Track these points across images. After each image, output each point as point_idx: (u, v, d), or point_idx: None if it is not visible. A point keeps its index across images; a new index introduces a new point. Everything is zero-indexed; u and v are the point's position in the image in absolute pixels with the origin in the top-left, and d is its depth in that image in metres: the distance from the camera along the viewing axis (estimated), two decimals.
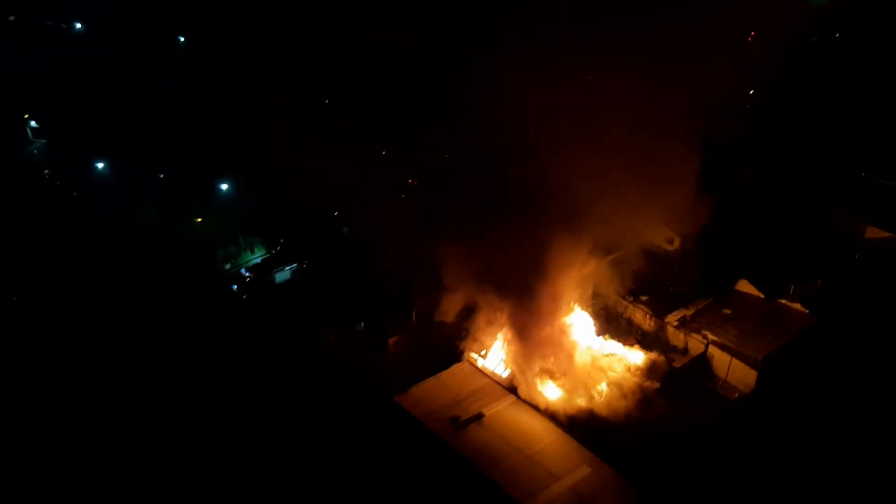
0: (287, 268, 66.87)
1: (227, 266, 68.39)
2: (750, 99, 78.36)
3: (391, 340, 58.89)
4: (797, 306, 59.58)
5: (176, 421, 50.52)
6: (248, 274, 67.03)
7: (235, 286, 66.16)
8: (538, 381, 54.31)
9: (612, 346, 58.62)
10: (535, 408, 52.22)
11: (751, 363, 55.36)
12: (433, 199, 54.93)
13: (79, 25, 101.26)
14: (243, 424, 50.79)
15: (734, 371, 56.25)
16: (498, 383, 54.40)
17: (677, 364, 57.13)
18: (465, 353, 57.66)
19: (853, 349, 55.98)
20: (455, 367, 55.70)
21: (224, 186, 74.50)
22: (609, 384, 54.80)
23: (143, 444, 48.85)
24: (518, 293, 54.17)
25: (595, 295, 61.70)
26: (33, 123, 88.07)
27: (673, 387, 54.76)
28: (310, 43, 68.94)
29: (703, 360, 57.80)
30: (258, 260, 69.38)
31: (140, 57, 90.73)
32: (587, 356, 56.72)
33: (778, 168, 63.82)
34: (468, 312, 60.51)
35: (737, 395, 55.67)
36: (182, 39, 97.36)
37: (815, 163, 75.65)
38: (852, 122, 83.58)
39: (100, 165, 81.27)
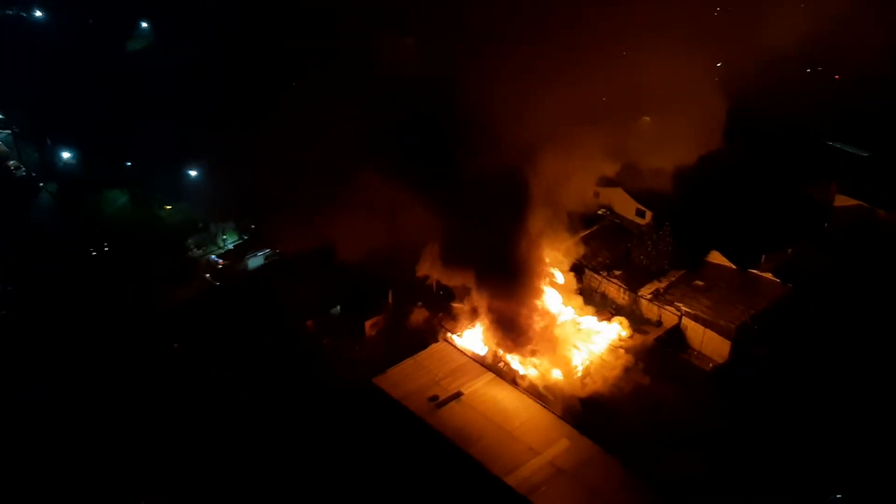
0: (260, 253, 66.37)
1: (198, 253, 67.80)
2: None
3: (367, 323, 58.82)
4: (768, 276, 60.23)
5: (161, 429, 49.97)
6: (220, 261, 66.44)
7: (208, 274, 65.65)
8: (516, 357, 54.72)
9: (588, 320, 59.02)
10: (514, 384, 52.51)
11: (724, 333, 56.01)
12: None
13: (39, 14, 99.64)
14: (221, 422, 50.52)
15: (708, 342, 56.91)
16: (476, 361, 54.56)
17: (652, 336, 57.69)
18: (442, 333, 57.78)
19: (825, 316, 56.69)
20: (432, 347, 55.75)
21: (193, 173, 73.75)
22: (586, 358, 55.31)
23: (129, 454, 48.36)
24: (491, 269, 54.30)
25: (569, 270, 62.06)
26: None
27: (648, 359, 55.24)
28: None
29: (678, 331, 58.41)
30: (230, 246, 68.84)
31: (104, 44, 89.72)
32: (564, 331, 57.00)
33: (746, 139, 64.26)
34: (444, 292, 60.83)
35: (711, 365, 56.32)
36: (145, 25, 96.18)
37: (782, 133, 76.46)
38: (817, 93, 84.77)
39: (66, 155, 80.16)
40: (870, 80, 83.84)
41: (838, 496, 45.33)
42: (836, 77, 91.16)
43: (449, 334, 57.75)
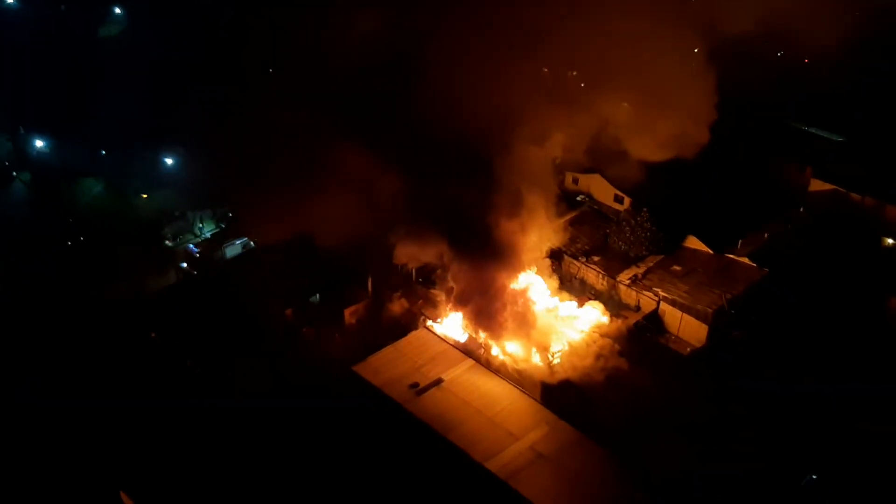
0: (237, 242, 65.87)
1: (175, 242, 67.24)
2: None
3: (347, 311, 58.72)
4: (745, 260, 60.76)
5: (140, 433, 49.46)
6: (197, 250, 65.93)
7: (185, 263, 65.19)
8: (496, 342, 54.95)
9: (568, 305, 59.31)
10: (494, 370, 52.67)
11: (701, 318, 56.54)
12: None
13: (10, 0, 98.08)
14: (199, 412, 50.02)
15: (686, 326, 57.44)
16: (456, 348, 54.63)
17: (630, 321, 58.10)
18: (422, 320, 57.79)
19: (801, 300, 57.35)
20: (413, 335, 55.69)
21: (169, 161, 73.08)
22: (566, 343, 55.63)
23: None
24: (474, 255, 54.40)
25: (549, 256, 62.31)
26: None
27: (627, 344, 55.67)
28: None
29: (656, 316, 58.88)
30: (207, 235, 68.34)
31: (76, 30, 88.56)
32: (541, 315, 57.27)
33: (722, 124, 64.58)
34: (423, 280, 60.84)
35: (689, 349, 56.86)
36: (118, 10, 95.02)
37: (759, 118, 76.96)
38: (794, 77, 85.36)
39: (39, 144, 79.14)
40: (839, 65, 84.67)
41: (813, 476, 46.00)
42: (806, 60, 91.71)
43: (429, 321, 57.81)
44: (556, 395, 51.28)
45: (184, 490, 44.16)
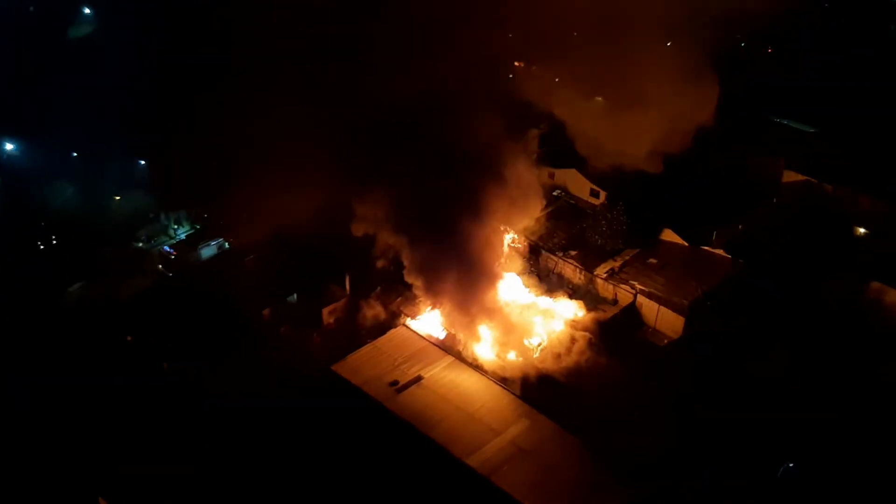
0: (213, 243, 65.45)
1: (150, 244, 66.58)
2: None
3: (325, 310, 58.51)
4: (720, 252, 61.29)
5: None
6: (172, 251, 65.39)
7: (160, 265, 64.61)
8: (474, 337, 55.05)
9: (544, 300, 59.49)
10: (473, 366, 52.75)
11: (678, 310, 56.98)
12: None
13: None
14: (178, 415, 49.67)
15: (662, 318, 57.85)
16: (435, 345, 54.64)
17: (608, 315, 58.38)
18: (401, 318, 57.72)
19: (776, 290, 57.87)
20: (392, 333, 55.61)
21: (142, 162, 72.28)
22: (544, 337, 55.80)
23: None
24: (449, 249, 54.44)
25: (526, 251, 62.47)
26: None
27: (604, 337, 55.91)
28: None
29: (633, 309, 59.20)
30: (183, 236, 67.78)
31: (45, 31, 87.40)
32: (521, 311, 57.39)
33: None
34: (402, 278, 60.72)
35: (666, 341, 57.26)
36: (88, 11, 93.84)
37: (731, 109, 77.44)
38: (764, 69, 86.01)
39: (9, 147, 77.99)
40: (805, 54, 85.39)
41: (790, 465, 46.48)
42: (770, 50, 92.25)
43: (408, 319, 57.74)
44: (535, 388, 51.47)
45: (162, 493, 43.89)
